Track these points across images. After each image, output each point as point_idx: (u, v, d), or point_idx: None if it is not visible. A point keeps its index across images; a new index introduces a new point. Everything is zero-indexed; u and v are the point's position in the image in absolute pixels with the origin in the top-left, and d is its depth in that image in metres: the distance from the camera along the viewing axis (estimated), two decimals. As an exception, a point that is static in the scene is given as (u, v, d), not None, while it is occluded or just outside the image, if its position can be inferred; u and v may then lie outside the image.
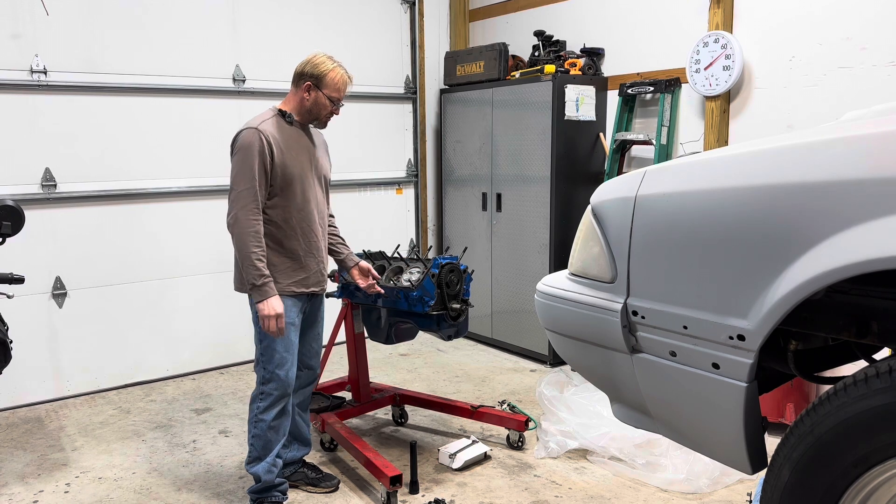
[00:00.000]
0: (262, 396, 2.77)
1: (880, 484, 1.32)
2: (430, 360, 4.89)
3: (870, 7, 3.36)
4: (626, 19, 4.49)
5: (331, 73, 2.71)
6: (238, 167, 2.63)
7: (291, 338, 2.76)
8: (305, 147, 2.79)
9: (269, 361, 2.73)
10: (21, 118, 3.93)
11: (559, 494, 2.97)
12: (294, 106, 2.77)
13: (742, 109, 3.92)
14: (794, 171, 1.39)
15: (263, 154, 2.61)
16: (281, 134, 2.69)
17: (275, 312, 2.61)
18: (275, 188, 2.67)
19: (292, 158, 2.70)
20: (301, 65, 2.75)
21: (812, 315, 1.52)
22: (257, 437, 2.79)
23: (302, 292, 2.78)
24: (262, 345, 2.74)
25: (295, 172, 2.70)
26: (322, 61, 2.73)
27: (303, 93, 2.73)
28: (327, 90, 2.72)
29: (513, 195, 4.83)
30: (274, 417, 2.77)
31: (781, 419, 3.34)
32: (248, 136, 2.63)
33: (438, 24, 5.67)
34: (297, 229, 2.73)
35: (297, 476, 3.05)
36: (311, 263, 2.79)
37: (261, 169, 2.61)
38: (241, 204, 2.60)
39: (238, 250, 2.62)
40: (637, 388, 1.78)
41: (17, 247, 3.58)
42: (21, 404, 4.08)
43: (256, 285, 2.60)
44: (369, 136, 5.31)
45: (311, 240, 2.78)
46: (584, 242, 1.88)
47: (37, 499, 3.02)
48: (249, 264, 2.59)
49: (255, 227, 2.60)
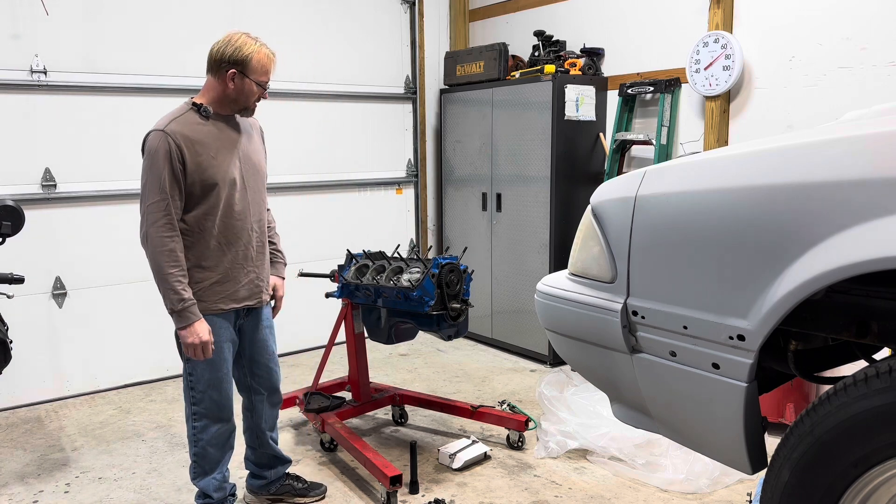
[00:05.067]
0: (197, 417, 2.55)
1: (880, 484, 1.32)
2: (430, 360, 4.89)
3: (870, 7, 3.36)
4: (625, 19, 4.49)
5: (256, 56, 2.38)
6: (145, 177, 2.33)
7: (225, 356, 2.53)
8: (229, 142, 2.46)
9: (199, 382, 2.50)
10: (21, 118, 3.93)
11: (559, 494, 2.97)
12: (214, 97, 2.43)
13: (742, 109, 3.92)
14: (795, 172, 1.39)
15: (172, 160, 2.30)
16: (196, 133, 2.37)
17: (199, 340, 2.35)
18: (193, 196, 2.37)
19: (210, 160, 2.38)
20: (218, 49, 2.39)
21: (812, 315, 1.51)
22: (199, 455, 2.59)
23: (232, 308, 2.51)
24: (189, 365, 2.50)
25: (216, 176, 2.39)
26: (244, 42, 2.38)
27: (226, 82, 2.39)
28: (255, 75, 2.40)
29: (513, 195, 4.82)
30: (214, 435, 2.57)
31: (781, 419, 3.34)
32: (153, 140, 2.32)
33: (438, 24, 5.67)
34: (220, 240, 2.45)
35: (283, 489, 2.92)
36: (239, 276, 2.51)
37: (171, 178, 2.31)
38: (151, 219, 2.31)
39: (154, 272, 2.33)
40: (637, 388, 1.78)
41: (17, 247, 3.58)
42: (21, 404, 4.08)
43: (176, 310, 2.33)
44: (369, 136, 5.31)
45: (237, 250, 2.49)
46: (584, 242, 1.88)
47: (37, 499, 3.02)
48: (168, 287, 2.31)
49: (169, 246, 2.31)
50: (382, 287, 3.18)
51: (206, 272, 2.45)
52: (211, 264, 2.45)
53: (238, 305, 2.54)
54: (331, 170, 5.12)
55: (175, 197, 2.33)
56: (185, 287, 2.35)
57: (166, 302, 2.35)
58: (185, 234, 2.39)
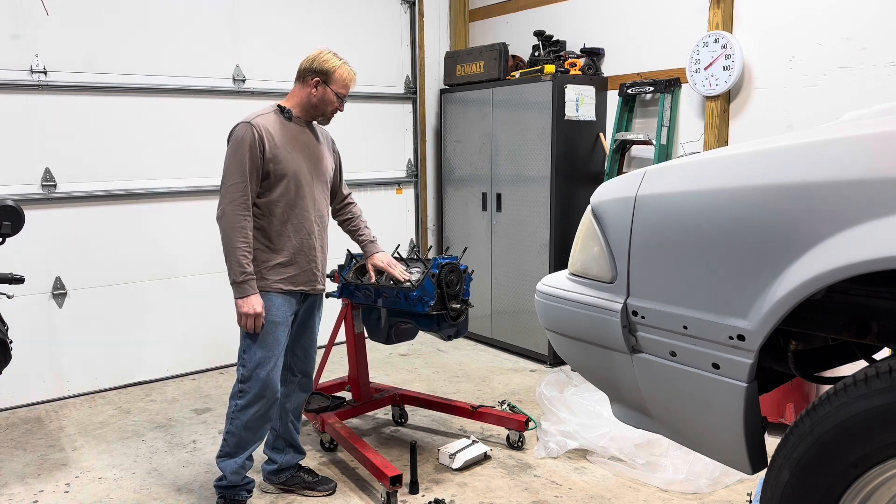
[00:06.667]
0: (241, 394, 2.72)
1: (880, 484, 1.32)
2: (430, 360, 4.89)
3: (870, 7, 3.36)
4: (625, 19, 4.49)
5: (339, 70, 2.72)
6: (229, 161, 2.62)
7: (278, 336, 2.72)
8: (305, 144, 2.76)
9: (250, 360, 2.69)
10: (21, 118, 3.92)
11: (559, 494, 2.97)
12: (298, 102, 2.76)
13: (742, 109, 3.92)
14: (795, 171, 1.39)
15: (254, 148, 2.59)
16: (277, 129, 2.67)
17: (253, 311, 2.59)
18: (267, 183, 2.66)
19: (287, 154, 2.67)
20: (308, 61, 2.74)
21: (812, 315, 1.51)
22: (231, 434, 2.75)
23: (290, 290, 2.73)
24: (245, 342, 2.71)
25: (289, 169, 2.67)
26: (329, 57, 2.73)
27: (310, 88, 2.72)
28: (335, 86, 2.72)
29: (513, 195, 4.82)
30: (252, 417, 2.72)
31: (781, 419, 3.34)
32: (240, 130, 2.62)
33: (438, 24, 5.67)
34: (287, 226, 2.70)
35: (293, 480, 3.02)
36: (300, 261, 2.75)
37: (251, 163, 2.59)
38: (229, 198, 2.59)
39: (224, 245, 2.61)
40: (637, 388, 1.78)
41: (17, 247, 3.58)
42: (21, 404, 4.08)
43: (237, 282, 2.59)
44: (369, 136, 5.31)
45: (302, 237, 2.74)
46: (584, 242, 1.88)
47: (37, 499, 3.02)
48: (234, 260, 2.58)
49: (241, 223, 2.59)
50: (382, 287, 3.18)
51: (272, 253, 2.70)
52: (277, 247, 2.71)
53: (295, 288, 2.75)
54: (331, 170, 5.12)
55: (252, 181, 2.62)
56: (249, 262, 2.61)
57: (230, 273, 2.61)
58: (256, 217, 2.67)
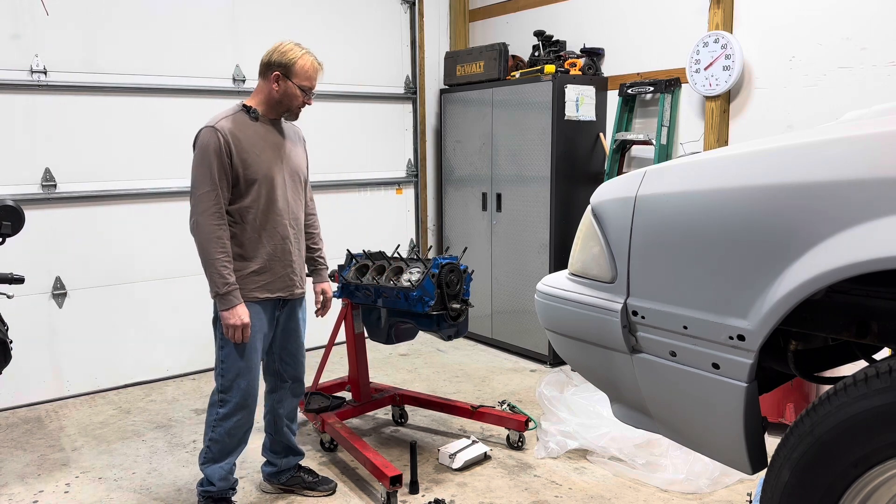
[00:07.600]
0: (222, 403, 2.68)
1: (880, 484, 1.32)
2: (430, 360, 4.89)
3: (870, 7, 3.36)
4: (625, 19, 4.49)
5: (300, 61, 2.57)
6: (196, 169, 2.51)
7: (256, 345, 2.66)
8: (273, 144, 2.65)
9: (229, 370, 2.64)
10: (21, 118, 3.92)
11: (559, 494, 2.97)
12: (262, 99, 2.63)
13: (742, 109, 3.92)
14: (795, 171, 1.39)
15: (221, 154, 2.49)
16: (243, 131, 2.56)
17: (241, 322, 2.53)
18: (238, 189, 2.56)
19: (255, 157, 2.57)
20: (267, 54, 2.61)
21: (812, 315, 1.51)
22: (214, 441, 2.70)
23: (267, 298, 2.66)
24: (223, 352, 2.65)
25: (259, 172, 2.57)
26: (289, 48, 2.58)
27: (271, 84, 2.58)
28: (297, 79, 2.58)
29: (513, 195, 4.82)
30: (234, 425, 2.68)
31: (781, 419, 3.34)
32: (204, 135, 2.52)
33: (438, 24, 5.67)
34: (260, 232, 2.61)
35: (293, 481, 3.01)
36: (276, 267, 2.66)
37: (220, 170, 2.50)
38: (202, 208, 2.49)
39: (202, 257, 2.52)
40: (637, 388, 1.78)
41: (17, 247, 3.57)
42: (21, 404, 4.08)
43: (220, 293, 2.51)
44: (369, 136, 5.30)
45: (276, 243, 2.66)
46: (584, 242, 1.88)
47: (37, 499, 3.02)
48: (214, 272, 2.49)
49: (217, 233, 2.50)
50: (382, 287, 3.18)
51: (245, 261, 2.61)
52: (251, 255, 2.62)
53: (272, 296, 2.68)
54: (331, 170, 5.11)
55: (223, 188, 2.52)
56: (231, 272, 2.53)
57: (211, 285, 2.53)
58: (229, 226, 2.57)
